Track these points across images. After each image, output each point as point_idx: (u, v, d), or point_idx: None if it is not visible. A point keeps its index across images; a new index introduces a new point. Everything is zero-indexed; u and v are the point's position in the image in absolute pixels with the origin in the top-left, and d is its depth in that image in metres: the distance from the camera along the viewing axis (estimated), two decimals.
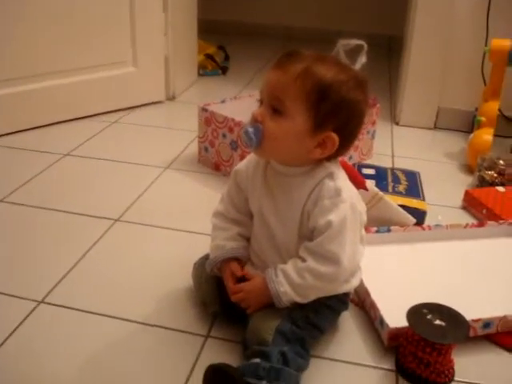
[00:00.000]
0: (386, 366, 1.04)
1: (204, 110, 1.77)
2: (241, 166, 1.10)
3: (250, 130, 0.93)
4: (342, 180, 0.98)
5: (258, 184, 1.04)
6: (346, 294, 1.07)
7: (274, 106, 0.93)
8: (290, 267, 0.98)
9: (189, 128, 2.08)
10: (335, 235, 0.94)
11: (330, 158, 0.98)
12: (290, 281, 0.97)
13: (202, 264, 1.15)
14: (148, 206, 1.59)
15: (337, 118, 0.93)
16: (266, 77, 0.95)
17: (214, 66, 2.89)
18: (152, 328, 1.12)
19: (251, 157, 1.08)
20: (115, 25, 2.18)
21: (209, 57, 2.88)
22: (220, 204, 1.13)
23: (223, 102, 1.87)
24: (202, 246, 1.20)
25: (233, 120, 1.67)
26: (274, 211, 1.02)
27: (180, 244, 1.41)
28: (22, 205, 1.56)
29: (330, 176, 0.97)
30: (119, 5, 2.16)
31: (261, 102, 0.96)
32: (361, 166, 1.71)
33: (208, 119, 1.76)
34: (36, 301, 1.18)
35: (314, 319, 1.01)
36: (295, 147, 0.95)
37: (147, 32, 2.27)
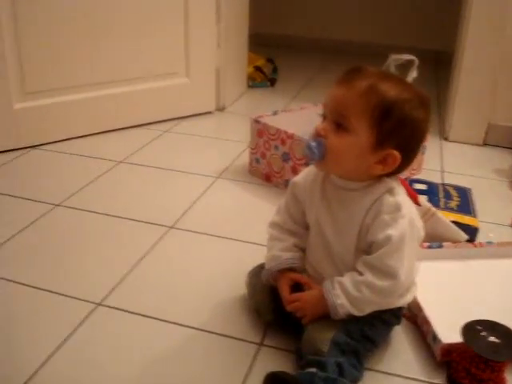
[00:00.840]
0: (437, 381, 1.04)
1: (256, 121, 1.79)
2: (298, 178, 1.11)
3: (313, 144, 0.95)
4: (402, 196, 0.99)
5: (316, 196, 1.05)
6: (400, 309, 1.08)
7: (337, 122, 0.94)
8: (347, 280, 0.99)
9: (239, 138, 2.11)
10: (394, 250, 0.95)
11: (391, 174, 0.99)
12: (347, 294, 0.98)
13: (256, 273, 1.17)
14: (201, 214, 1.61)
15: (399, 135, 0.94)
16: (330, 92, 0.96)
17: (263, 77, 2.92)
18: (206, 333, 1.14)
19: (309, 169, 1.09)
20: (170, 36, 2.23)
21: (258, 69, 2.91)
22: (276, 215, 1.15)
23: (275, 114, 1.89)
24: (253, 256, 1.24)
25: (285, 132, 1.68)
26: (332, 224, 1.03)
27: (232, 253, 1.43)
28: (79, 209, 1.60)
29: (391, 191, 0.98)
30: (174, 18, 2.21)
31: (324, 116, 0.98)
32: (412, 181, 1.70)
33: (260, 131, 1.78)
34: (94, 303, 1.21)
35: (368, 332, 1.02)
36: (357, 163, 0.96)
37: (201, 44, 2.31)
